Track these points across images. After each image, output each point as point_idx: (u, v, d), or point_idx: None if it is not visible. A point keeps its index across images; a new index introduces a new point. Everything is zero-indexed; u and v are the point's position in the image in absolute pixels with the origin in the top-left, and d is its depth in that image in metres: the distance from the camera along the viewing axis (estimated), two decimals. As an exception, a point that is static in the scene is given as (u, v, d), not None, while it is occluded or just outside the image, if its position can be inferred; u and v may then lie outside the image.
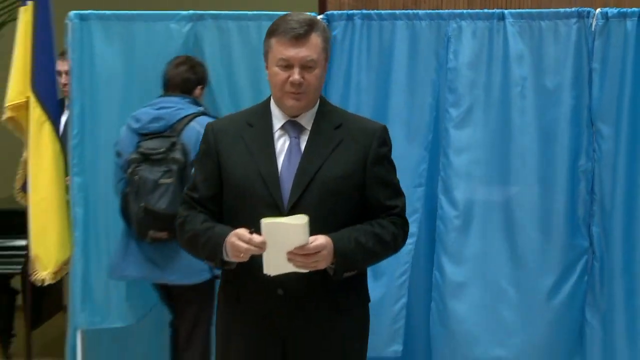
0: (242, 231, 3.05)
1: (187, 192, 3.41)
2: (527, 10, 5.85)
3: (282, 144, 3.25)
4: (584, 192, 5.36)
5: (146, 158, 5.20)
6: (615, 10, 5.24)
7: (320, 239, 3.03)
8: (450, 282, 5.58)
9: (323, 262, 3.05)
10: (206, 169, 3.33)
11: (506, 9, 5.79)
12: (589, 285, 5.35)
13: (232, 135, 3.31)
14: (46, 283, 6.19)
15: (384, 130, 3.38)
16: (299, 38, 3.11)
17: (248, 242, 2.99)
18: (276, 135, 3.25)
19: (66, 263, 6.15)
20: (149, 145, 5.24)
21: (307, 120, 3.25)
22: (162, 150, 5.20)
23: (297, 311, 3.22)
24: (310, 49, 3.14)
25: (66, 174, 6.16)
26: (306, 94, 3.19)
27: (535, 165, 5.42)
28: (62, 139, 6.49)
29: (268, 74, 3.25)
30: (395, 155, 5.53)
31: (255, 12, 6.15)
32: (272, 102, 3.32)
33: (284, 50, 3.12)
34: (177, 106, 5.76)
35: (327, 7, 6.90)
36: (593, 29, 5.25)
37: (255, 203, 3.18)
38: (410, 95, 5.63)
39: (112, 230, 5.71)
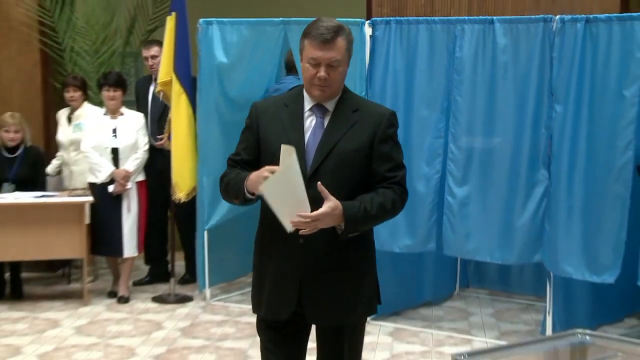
0: (262, 170, 2.99)
1: (230, 157, 3.29)
2: (509, 17, 6.04)
3: (309, 122, 3.14)
4: (545, 142, 5.65)
5: None
6: (569, 17, 5.50)
7: (331, 202, 2.94)
8: (456, 202, 5.96)
9: (322, 224, 2.96)
10: (248, 139, 3.22)
11: (495, 15, 6.02)
12: (547, 205, 5.65)
13: (271, 113, 3.19)
14: (182, 201, 6.71)
15: (393, 114, 3.23)
16: (327, 42, 3.00)
17: (266, 170, 2.93)
18: (306, 115, 3.14)
19: (195, 188, 6.73)
20: None
21: (331, 105, 3.14)
22: None
23: (313, 258, 3.11)
24: (335, 51, 3.02)
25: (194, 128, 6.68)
26: (330, 87, 3.08)
27: (511, 124, 5.75)
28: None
29: (302, 67, 3.14)
30: (420, 117, 5.97)
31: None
32: (305, 89, 3.19)
33: (313, 51, 3.02)
34: (289, 80, 6.37)
35: (372, 15, 7.11)
36: (554, 30, 5.51)
37: None
38: (429, 76, 5.98)
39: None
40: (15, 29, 7.84)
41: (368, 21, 6.19)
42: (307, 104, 3.16)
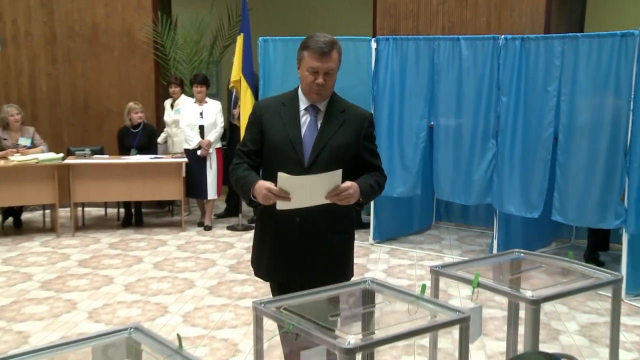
0: (269, 185, 2.51)
1: (238, 147, 2.79)
2: (470, 35, 6.04)
3: (304, 120, 2.71)
4: (493, 122, 5.69)
5: None
6: (510, 36, 5.53)
7: (349, 183, 2.53)
8: (436, 162, 6.08)
9: (352, 199, 2.55)
10: (253, 132, 2.74)
11: (460, 35, 6.04)
12: (495, 164, 5.69)
13: (272, 111, 2.74)
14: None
15: (372, 116, 2.84)
16: (325, 54, 2.60)
17: (276, 193, 2.47)
18: (301, 113, 2.71)
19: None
20: None
21: (322, 106, 2.72)
22: None
23: (308, 232, 2.66)
24: (331, 62, 2.61)
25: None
26: (326, 91, 2.67)
27: (471, 109, 5.78)
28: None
29: (300, 74, 2.70)
30: (410, 104, 6.00)
31: (341, 37, 6.02)
32: (299, 91, 2.74)
33: (313, 62, 2.61)
34: None
35: (376, 34, 7.13)
36: (500, 45, 5.54)
37: (286, 158, 2.66)
38: (416, 76, 6.02)
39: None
40: (138, 46, 7.91)
41: (373, 38, 6.22)
42: (302, 104, 2.73)
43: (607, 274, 2.63)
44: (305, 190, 2.49)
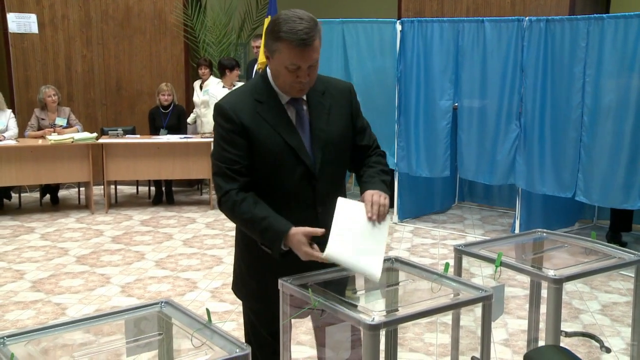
0: (310, 250, 1.98)
1: (223, 166, 2.09)
2: (494, 17, 5.96)
3: (290, 115, 2.13)
4: (517, 103, 5.60)
5: None
6: (535, 18, 5.45)
7: (376, 194, 2.05)
8: (461, 143, 6.00)
9: (387, 204, 2.07)
10: (238, 144, 2.07)
11: (485, 17, 5.98)
12: (521, 145, 5.60)
13: (248, 112, 2.09)
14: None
15: (352, 86, 2.30)
16: (307, 46, 1.98)
17: (315, 255, 1.97)
18: (285, 108, 2.13)
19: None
20: None
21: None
22: None
23: (327, 222, 2.01)
24: (315, 52, 2.01)
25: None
26: (310, 84, 2.11)
27: (495, 90, 5.70)
28: None
29: (272, 66, 2.07)
30: (436, 86, 5.92)
31: (366, 19, 6.27)
32: (272, 82, 2.12)
33: (294, 57, 1.99)
34: None
35: (401, 16, 7.08)
36: (524, 27, 5.44)
37: (287, 170, 2.10)
38: (441, 58, 5.95)
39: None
40: (169, 28, 7.94)
41: (398, 21, 6.17)
42: (283, 98, 2.13)
43: (630, 254, 2.58)
44: (354, 246, 1.99)
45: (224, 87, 6.99)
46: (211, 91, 7.12)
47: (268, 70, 2.15)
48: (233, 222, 2.17)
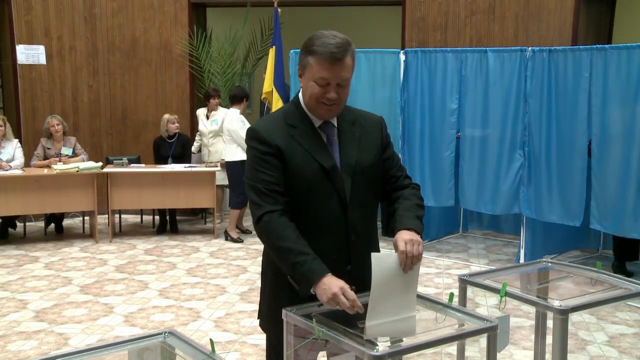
0: (346, 288, 1.91)
1: (260, 186, 2.05)
2: (497, 47, 5.98)
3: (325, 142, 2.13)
4: (520, 132, 5.62)
5: None
6: (537, 48, 5.48)
7: (409, 243, 1.93)
8: (464, 172, 6.00)
9: (421, 245, 1.96)
10: (273, 165, 2.05)
11: (487, 47, 5.95)
12: (526, 175, 5.60)
13: (282, 135, 2.08)
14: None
15: (383, 119, 2.31)
16: (337, 60, 2.01)
17: (352, 303, 1.89)
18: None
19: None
20: None
21: (334, 120, 2.15)
22: None
23: (359, 249, 2.10)
24: (345, 70, 2.04)
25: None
26: (338, 105, 2.11)
27: (498, 120, 5.73)
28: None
29: (303, 83, 2.10)
30: (439, 115, 5.90)
31: (370, 49, 6.26)
32: (304, 107, 2.14)
33: (323, 71, 2.02)
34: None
35: (405, 46, 7.12)
36: (527, 57, 5.49)
37: (321, 196, 2.08)
38: (444, 88, 5.97)
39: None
40: (174, 59, 8.00)
41: (402, 51, 6.23)
42: (315, 122, 2.14)
43: (637, 285, 2.56)
44: (391, 310, 1.92)
45: (240, 113, 6.88)
46: (219, 120, 7.12)
47: (300, 96, 2.17)
48: (263, 244, 2.14)
